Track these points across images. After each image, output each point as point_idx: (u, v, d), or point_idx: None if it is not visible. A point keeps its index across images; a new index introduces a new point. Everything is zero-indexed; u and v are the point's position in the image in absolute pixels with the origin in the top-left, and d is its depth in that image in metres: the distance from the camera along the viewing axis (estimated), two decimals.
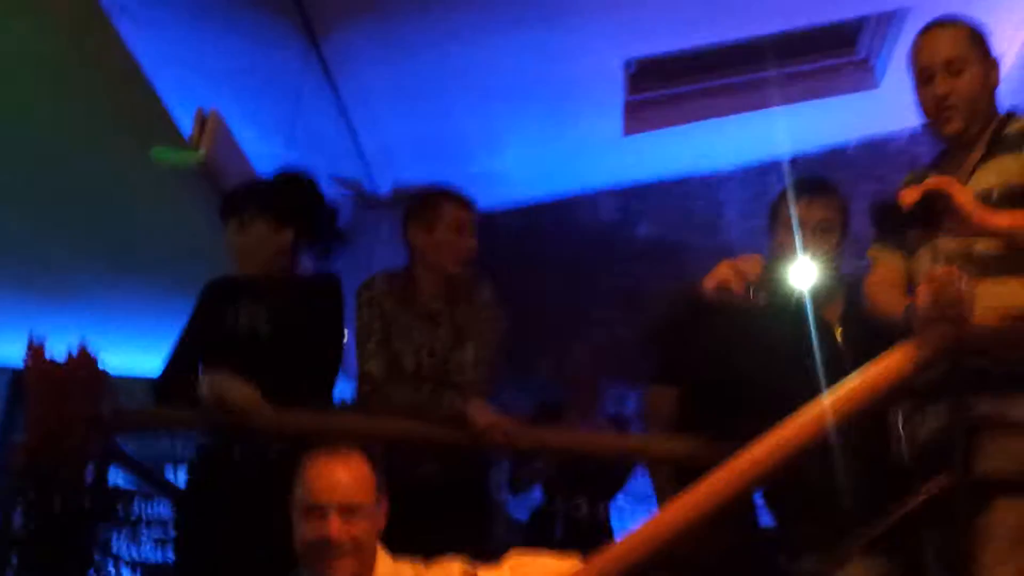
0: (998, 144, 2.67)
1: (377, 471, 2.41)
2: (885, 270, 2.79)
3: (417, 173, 6.31)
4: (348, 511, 2.31)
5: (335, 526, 2.29)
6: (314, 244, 3.65)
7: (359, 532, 2.31)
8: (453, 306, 3.55)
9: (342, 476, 2.34)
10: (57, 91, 3.89)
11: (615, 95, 5.92)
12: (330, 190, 6.04)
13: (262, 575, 2.79)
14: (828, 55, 6.25)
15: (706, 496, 2.19)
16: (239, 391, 3.23)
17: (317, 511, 2.32)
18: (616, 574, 2.17)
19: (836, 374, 2.57)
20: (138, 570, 6.20)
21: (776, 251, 3.06)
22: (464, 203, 3.59)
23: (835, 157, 6.69)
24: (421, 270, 3.56)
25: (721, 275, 2.66)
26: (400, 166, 6.19)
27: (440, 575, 2.33)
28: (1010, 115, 2.74)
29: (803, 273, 2.98)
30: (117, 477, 3.98)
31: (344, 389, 3.70)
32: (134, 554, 6.16)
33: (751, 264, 2.65)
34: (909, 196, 2.43)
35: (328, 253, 3.74)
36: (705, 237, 6.77)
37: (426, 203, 3.57)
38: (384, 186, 6.36)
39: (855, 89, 6.21)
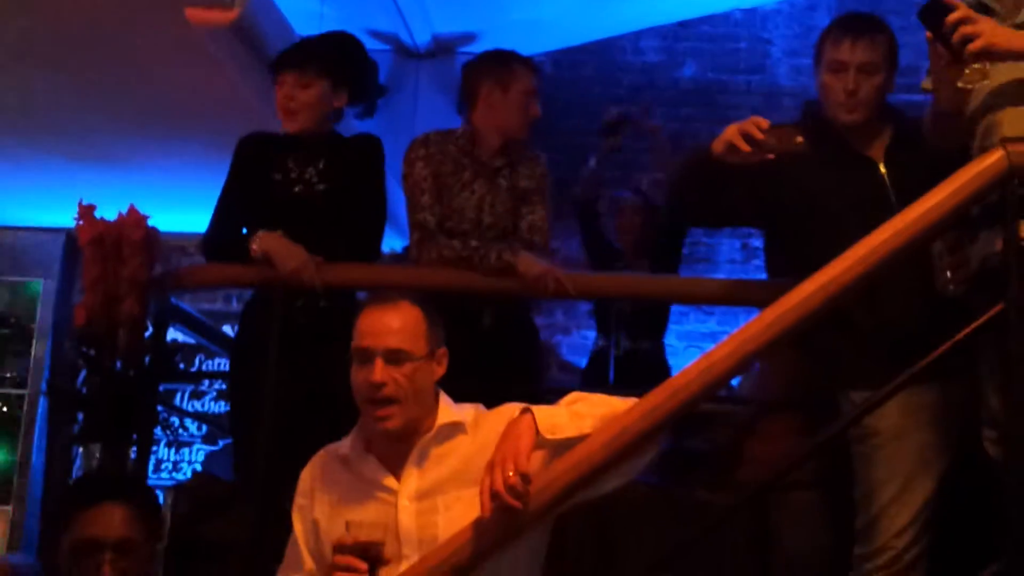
0: None
1: (432, 320, 2.42)
2: None
3: (455, 23, 6.21)
4: (394, 357, 2.33)
5: (379, 370, 2.32)
6: (359, 102, 3.69)
7: (406, 378, 2.33)
8: (512, 167, 3.59)
9: (390, 322, 2.36)
10: None
11: None
12: (368, 44, 5.98)
13: (320, 425, 2.84)
14: None
15: (758, 332, 2.19)
16: (287, 251, 3.30)
17: (365, 356, 2.34)
18: (670, 408, 2.20)
19: (882, 210, 2.55)
20: (202, 423, 6.40)
21: (820, 91, 3.00)
22: (535, 71, 3.65)
23: None
24: (485, 127, 3.58)
25: (728, 137, 2.64)
26: (437, 17, 6.09)
27: (499, 418, 2.34)
28: None
29: (843, 116, 2.93)
30: (177, 334, 4.06)
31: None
32: (198, 407, 6.35)
33: (756, 124, 2.62)
34: (953, 16, 2.37)
35: (372, 109, 3.78)
36: (751, 76, 6.65)
37: (502, 63, 3.59)
38: (422, 38, 6.27)
39: None
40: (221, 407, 6.41)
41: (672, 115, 6.55)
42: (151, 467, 4.39)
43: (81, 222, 3.41)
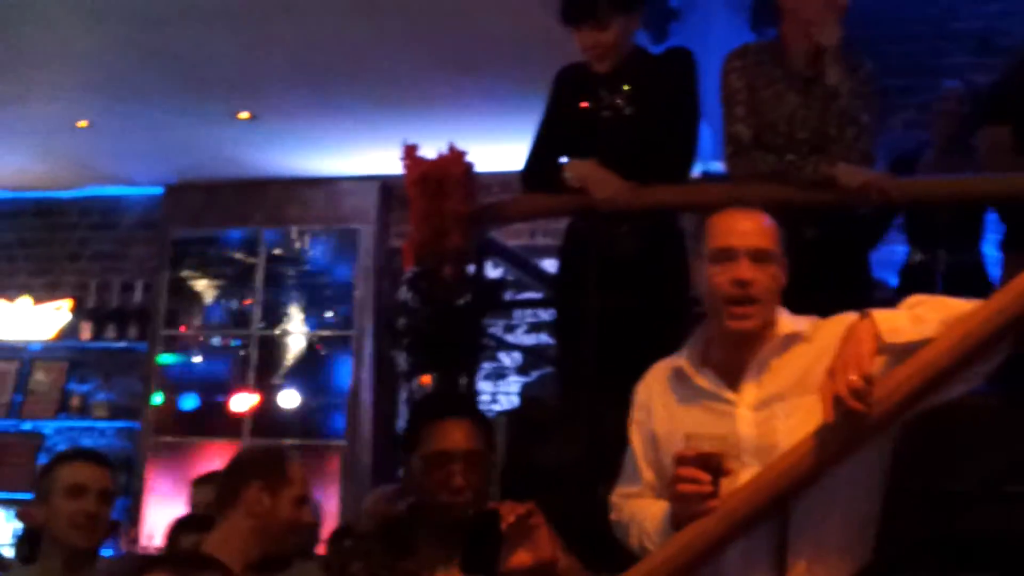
0: None
1: (779, 228, 2.42)
2: None
3: None
4: (757, 256, 2.34)
5: (746, 267, 2.32)
6: (649, 24, 3.67)
7: (767, 278, 2.34)
8: (826, 72, 3.41)
9: (751, 224, 2.37)
10: None
11: None
12: None
13: (647, 348, 2.87)
14: None
15: None
16: (600, 178, 3.35)
17: (728, 255, 2.35)
18: (1019, 310, 2.10)
19: None
20: (513, 354, 6.61)
21: None
22: None
23: None
24: (792, 33, 3.45)
25: None
26: None
27: (838, 325, 2.31)
28: None
29: None
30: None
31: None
32: (510, 339, 6.56)
33: None
34: None
35: (663, 35, 3.76)
36: None
37: None
38: None
39: None
40: (532, 339, 6.60)
41: (976, 13, 6.17)
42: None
43: (407, 162, 3.57)
